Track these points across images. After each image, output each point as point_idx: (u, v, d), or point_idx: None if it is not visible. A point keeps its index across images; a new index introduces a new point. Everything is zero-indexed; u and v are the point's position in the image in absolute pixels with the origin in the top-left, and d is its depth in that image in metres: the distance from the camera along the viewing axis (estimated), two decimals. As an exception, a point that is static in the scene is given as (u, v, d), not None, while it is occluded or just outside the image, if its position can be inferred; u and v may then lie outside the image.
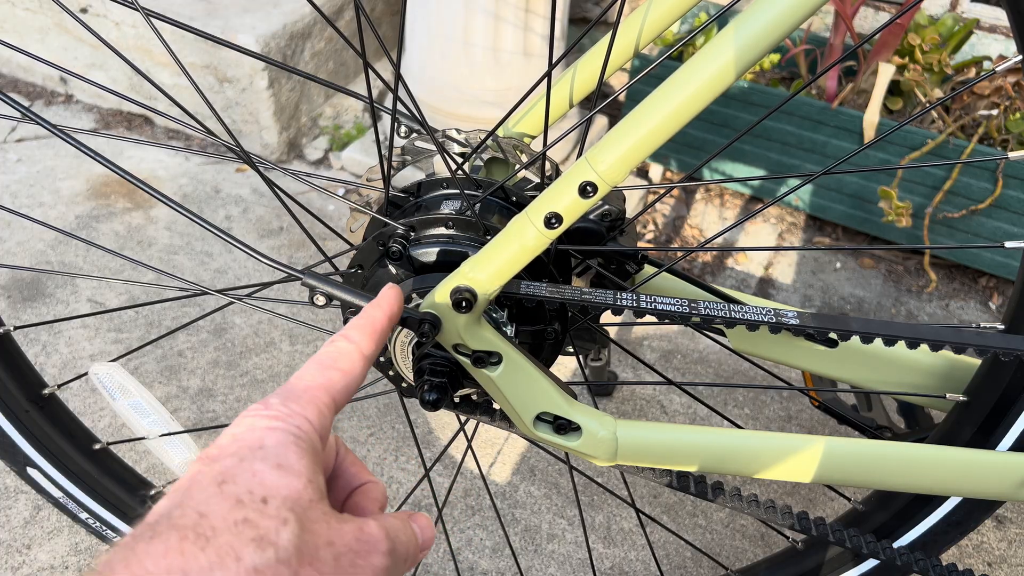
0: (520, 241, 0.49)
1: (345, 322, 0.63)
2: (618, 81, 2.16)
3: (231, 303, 0.76)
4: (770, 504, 0.64)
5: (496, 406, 0.64)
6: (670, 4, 0.63)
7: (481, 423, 0.95)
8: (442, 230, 0.60)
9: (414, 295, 0.58)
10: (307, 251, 1.63)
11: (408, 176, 1.70)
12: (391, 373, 0.64)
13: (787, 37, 0.51)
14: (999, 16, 1.75)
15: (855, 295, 1.62)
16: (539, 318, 0.63)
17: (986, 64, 1.67)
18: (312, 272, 0.55)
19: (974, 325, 0.66)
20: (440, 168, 0.71)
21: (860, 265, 1.70)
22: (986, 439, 0.67)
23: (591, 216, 0.64)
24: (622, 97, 1.95)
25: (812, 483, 0.60)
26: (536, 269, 0.61)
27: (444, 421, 1.30)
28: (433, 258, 0.60)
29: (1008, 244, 0.63)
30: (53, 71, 2.06)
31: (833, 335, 0.52)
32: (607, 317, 1.40)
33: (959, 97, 1.62)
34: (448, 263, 0.60)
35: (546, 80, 0.57)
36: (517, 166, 0.65)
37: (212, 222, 0.76)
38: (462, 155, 0.66)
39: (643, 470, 0.62)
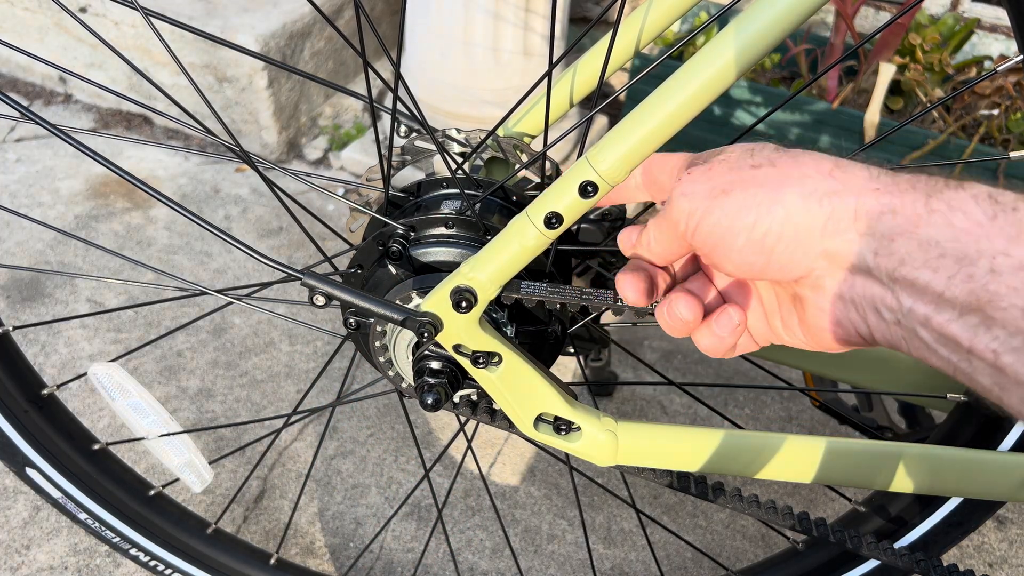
0: (520, 241, 0.48)
1: (345, 322, 0.63)
2: (618, 81, 2.16)
3: (230, 303, 0.75)
4: (771, 505, 0.64)
5: (496, 406, 0.64)
6: (670, 4, 0.63)
7: (481, 424, 0.94)
8: (442, 230, 0.60)
9: (414, 295, 0.58)
10: (307, 251, 1.62)
11: (408, 176, 1.70)
12: (391, 373, 0.64)
13: (788, 37, 0.51)
14: (1000, 15, 1.75)
15: (855, 295, 1.62)
16: (539, 318, 0.62)
17: (987, 64, 1.67)
18: (312, 272, 0.54)
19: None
20: (440, 168, 0.70)
21: (860, 265, 1.70)
22: (987, 439, 0.67)
23: (591, 216, 0.64)
24: (622, 97, 1.95)
25: (813, 483, 0.60)
26: (536, 269, 0.61)
27: (444, 421, 1.30)
28: (433, 258, 0.60)
29: (1009, 244, 0.63)
30: (52, 71, 2.05)
31: (834, 335, 0.52)
32: (607, 317, 1.39)
33: (960, 97, 1.62)
34: (448, 263, 0.60)
35: (546, 80, 0.57)
36: (517, 166, 0.65)
37: (211, 222, 0.75)
38: (462, 155, 0.66)
39: (643, 471, 0.62)
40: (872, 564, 0.78)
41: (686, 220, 0.40)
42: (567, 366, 1.39)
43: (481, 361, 0.55)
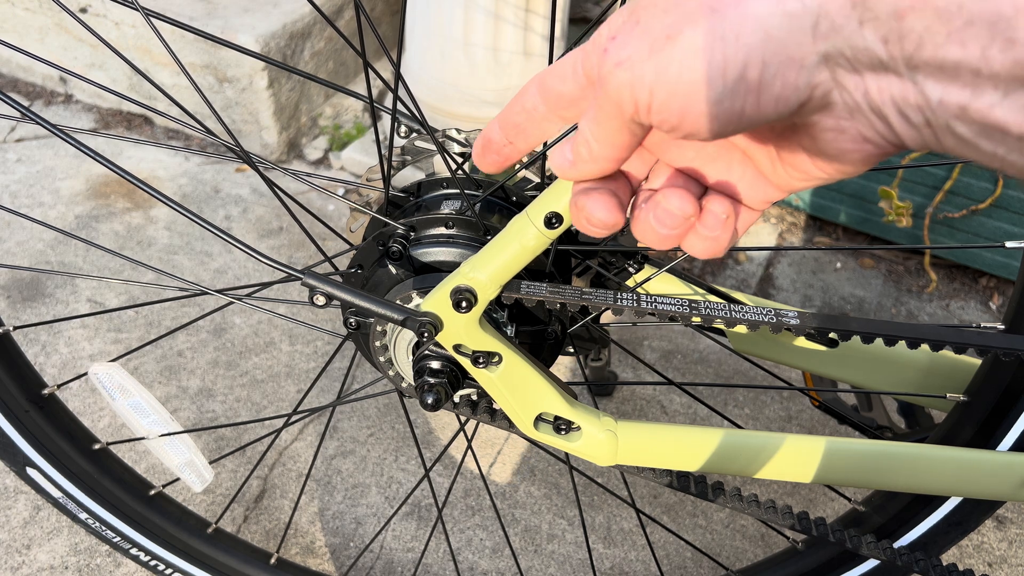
0: (520, 241, 0.48)
1: (345, 322, 0.63)
2: (618, 81, 2.16)
3: (231, 303, 0.75)
4: (770, 504, 0.64)
5: (496, 406, 0.64)
6: (670, 4, 0.63)
7: (481, 424, 0.95)
8: (442, 230, 0.60)
9: (414, 295, 0.58)
10: (307, 251, 1.63)
11: (408, 176, 1.70)
12: (391, 373, 0.64)
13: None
14: (999, 16, 1.75)
15: (855, 295, 1.62)
16: (539, 318, 0.62)
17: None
18: (312, 272, 0.55)
19: (975, 325, 0.66)
20: (440, 168, 0.71)
21: (860, 265, 1.70)
22: (986, 439, 0.67)
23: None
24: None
25: (812, 483, 0.60)
26: (536, 269, 0.61)
27: (444, 421, 1.30)
28: (433, 258, 0.60)
29: (1008, 244, 0.63)
30: (53, 71, 2.06)
31: (834, 335, 0.52)
32: (607, 317, 1.39)
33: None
34: (448, 263, 0.60)
35: (546, 80, 0.57)
36: (517, 166, 0.65)
37: (212, 222, 0.76)
38: (462, 155, 0.66)
39: (643, 470, 0.62)
40: (872, 564, 0.78)
41: (632, 94, 0.31)
42: (567, 366, 1.39)
43: (481, 361, 0.55)
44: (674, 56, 0.29)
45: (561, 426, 0.59)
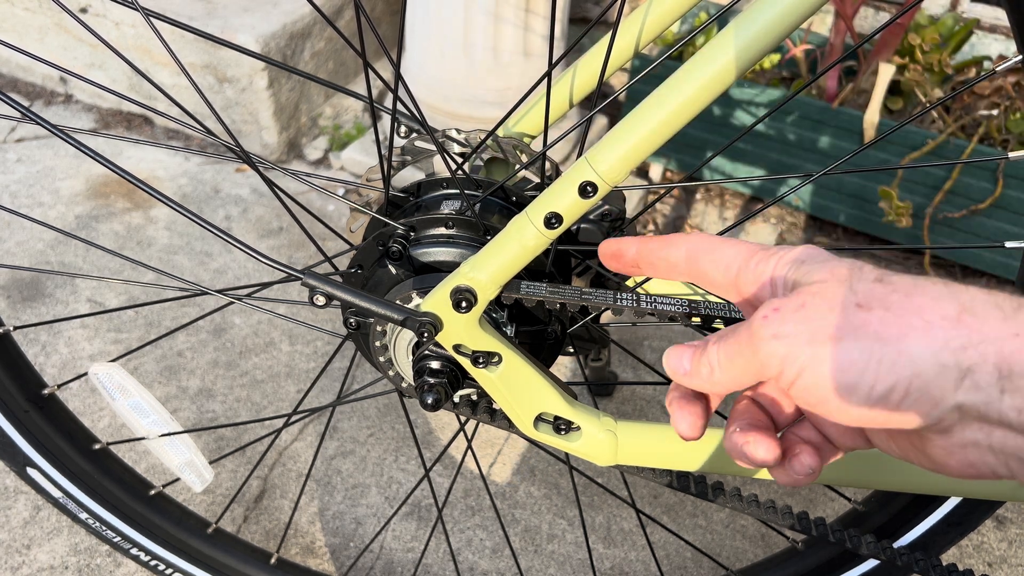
0: (520, 241, 0.48)
1: (345, 322, 0.63)
2: (618, 81, 2.16)
3: (231, 303, 0.76)
4: (770, 504, 0.64)
5: (496, 406, 0.64)
6: (670, 4, 0.63)
7: (481, 424, 0.95)
8: (442, 230, 0.60)
9: (414, 295, 0.58)
10: (307, 251, 1.63)
11: (408, 176, 1.70)
12: (391, 373, 0.64)
13: (787, 37, 0.51)
14: (999, 16, 1.75)
15: (855, 295, 1.62)
16: (539, 318, 0.62)
17: (986, 64, 1.67)
18: (312, 272, 0.55)
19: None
20: (440, 168, 0.71)
21: (860, 265, 1.70)
22: (986, 439, 0.67)
23: (591, 216, 0.64)
24: (622, 97, 1.95)
25: (812, 483, 0.60)
26: (536, 269, 0.61)
27: (444, 421, 1.30)
28: (433, 258, 0.60)
29: (1008, 244, 0.63)
30: (53, 71, 2.06)
31: (833, 335, 0.52)
32: (607, 317, 1.39)
33: (959, 97, 1.62)
34: (448, 263, 0.60)
35: (546, 80, 0.57)
36: (517, 166, 0.65)
37: (212, 222, 0.76)
38: (462, 155, 0.66)
39: (643, 470, 0.62)
40: (871, 564, 0.78)
41: (781, 367, 0.34)
42: (567, 366, 1.39)
43: (481, 361, 0.55)
44: (832, 355, 0.33)
45: (561, 426, 0.59)
